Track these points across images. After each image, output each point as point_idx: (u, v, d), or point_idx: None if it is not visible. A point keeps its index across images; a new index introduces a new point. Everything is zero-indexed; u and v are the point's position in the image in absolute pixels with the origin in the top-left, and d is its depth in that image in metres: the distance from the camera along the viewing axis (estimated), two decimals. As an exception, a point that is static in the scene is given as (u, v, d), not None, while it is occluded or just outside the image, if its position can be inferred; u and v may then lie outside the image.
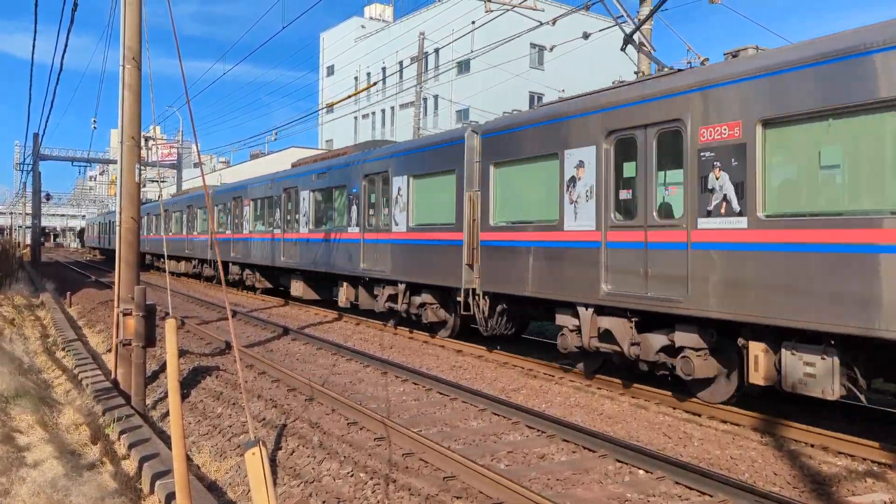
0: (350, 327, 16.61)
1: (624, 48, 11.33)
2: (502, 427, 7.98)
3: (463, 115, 46.29)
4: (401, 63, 50.07)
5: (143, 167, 11.58)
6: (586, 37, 17.02)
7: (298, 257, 19.41)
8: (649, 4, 14.61)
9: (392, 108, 55.35)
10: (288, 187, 20.49)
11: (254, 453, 4.81)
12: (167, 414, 8.00)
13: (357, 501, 5.81)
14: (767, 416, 8.15)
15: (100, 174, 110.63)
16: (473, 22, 27.48)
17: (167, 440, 7.06)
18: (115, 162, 28.23)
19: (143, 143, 12.79)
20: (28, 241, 59.95)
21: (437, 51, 45.78)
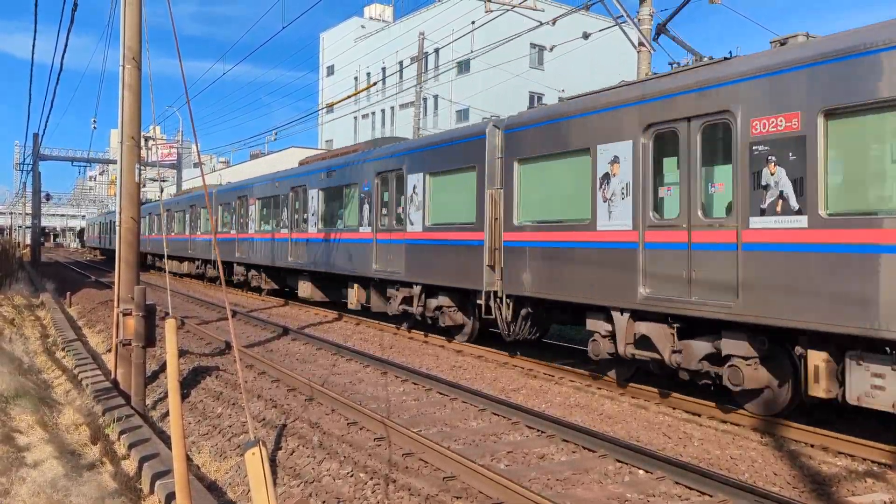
0: (350, 327, 16.61)
1: (656, 38, 10.95)
2: (502, 427, 7.98)
3: (463, 115, 46.33)
4: (401, 63, 50.08)
5: (142, 167, 11.58)
6: (586, 37, 17.06)
7: (307, 258, 18.92)
8: (649, 4, 14.61)
9: (392, 108, 55.37)
10: (295, 186, 19.95)
11: (254, 453, 4.81)
12: (167, 414, 8.00)
13: (357, 501, 5.82)
14: (767, 417, 8.14)
15: (100, 174, 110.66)
16: (473, 22, 27.49)
17: (167, 440, 7.06)
18: (115, 162, 28.20)
19: (143, 143, 12.79)
20: (28, 241, 59.95)
21: (437, 51, 45.79)
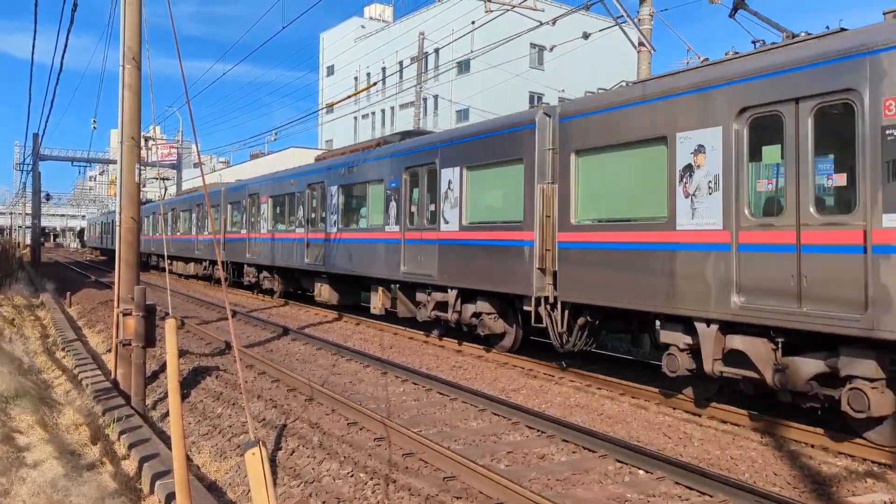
0: (350, 327, 16.61)
1: (733, 14, 10.20)
2: (502, 427, 7.98)
3: (463, 115, 46.34)
4: (401, 63, 50.08)
5: (142, 167, 11.58)
6: (586, 37, 17.05)
7: (325, 259, 17.90)
8: (649, 4, 14.61)
9: (392, 108, 55.37)
10: (313, 183, 18.89)
11: (254, 453, 4.81)
12: (167, 414, 8.00)
13: (357, 501, 5.82)
14: (767, 416, 8.14)
15: (100, 174, 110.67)
16: (473, 22, 27.49)
17: (167, 440, 7.06)
18: (114, 162, 28.16)
19: (143, 143, 12.79)
20: (28, 242, 59.95)
21: (436, 51, 45.79)
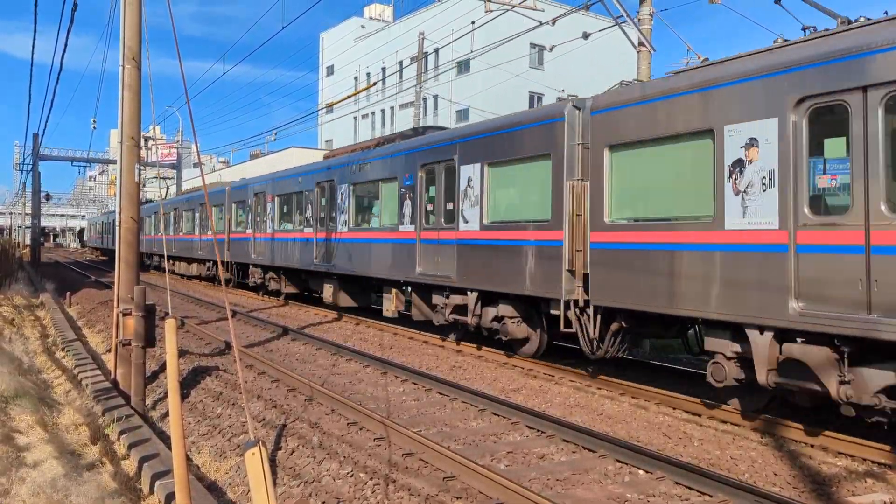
0: (350, 327, 16.61)
1: (779, 0, 9.78)
2: (502, 427, 7.98)
3: (463, 115, 46.34)
4: (401, 63, 50.10)
5: (142, 167, 11.57)
6: (586, 37, 17.06)
7: (335, 260, 17.34)
8: (649, 4, 14.61)
9: (392, 108, 55.38)
10: (322, 181, 18.33)
11: (254, 453, 4.81)
12: (167, 414, 8.00)
13: (357, 501, 5.81)
14: (767, 416, 8.15)
15: (99, 174, 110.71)
16: (473, 22, 27.48)
17: (167, 440, 7.06)
18: (114, 162, 28.15)
19: (142, 143, 12.78)
20: (28, 242, 59.94)
21: (436, 51, 45.79)
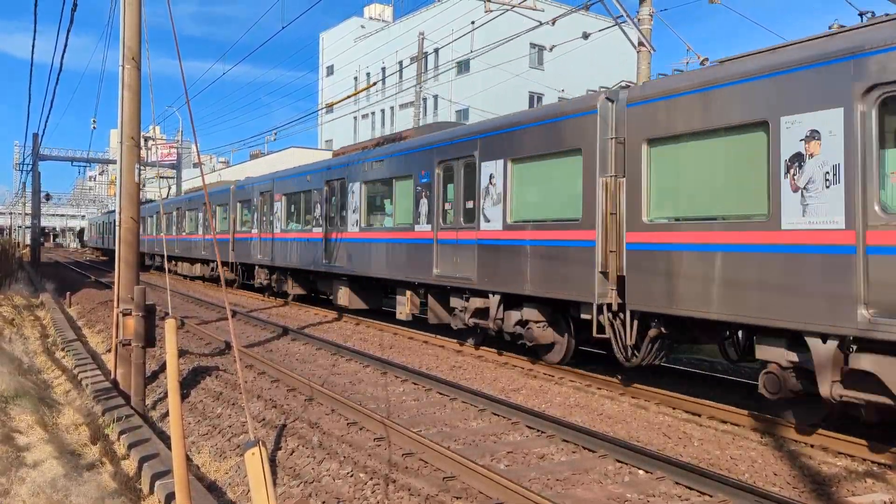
0: (350, 327, 16.61)
1: None
2: (502, 427, 7.98)
3: (462, 115, 46.34)
4: (400, 63, 50.12)
5: (142, 167, 11.57)
6: (586, 37, 17.08)
7: (346, 260, 16.77)
8: (649, 4, 14.62)
9: (392, 108, 55.39)
10: (332, 179, 17.77)
11: (253, 453, 4.81)
12: (167, 414, 8.00)
13: (357, 501, 5.81)
14: (767, 416, 8.15)
15: (99, 174, 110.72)
16: (473, 22, 27.49)
17: (167, 440, 7.06)
18: (114, 162, 28.14)
19: (142, 143, 12.78)
20: (28, 242, 59.94)
21: (436, 51, 45.78)
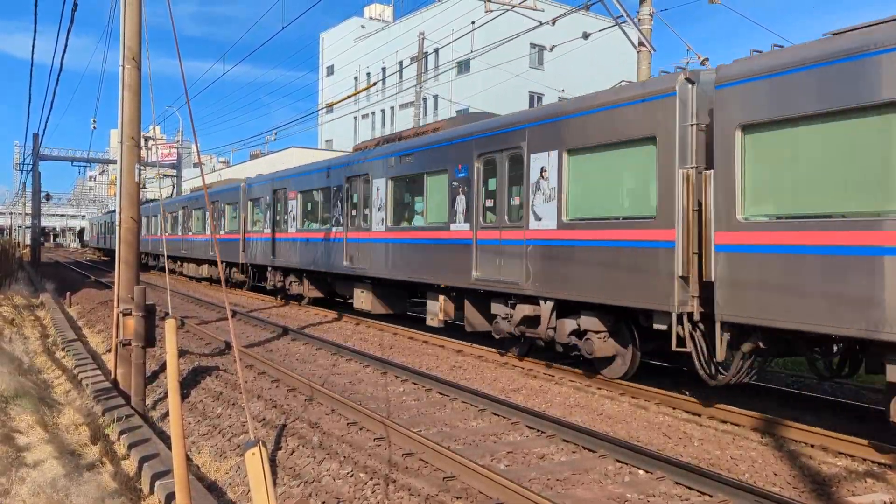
0: (350, 327, 16.61)
1: None
2: (502, 427, 7.98)
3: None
4: (401, 63, 50.14)
5: (142, 167, 11.57)
6: (586, 37, 17.09)
7: (369, 262, 15.84)
8: (649, 4, 14.62)
9: (392, 108, 55.40)
10: (353, 176, 16.76)
11: (254, 453, 4.81)
12: (167, 414, 8.00)
13: (357, 501, 5.82)
14: (767, 416, 8.15)
15: (99, 174, 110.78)
16: (473, 22, 27.51)
17: (167, 440, 7.06)
18: (114, 162, 28.10)
19: (143, 143, 12.78)
20: (28, 242, 59.95)
21: (436, 51, 45.81)
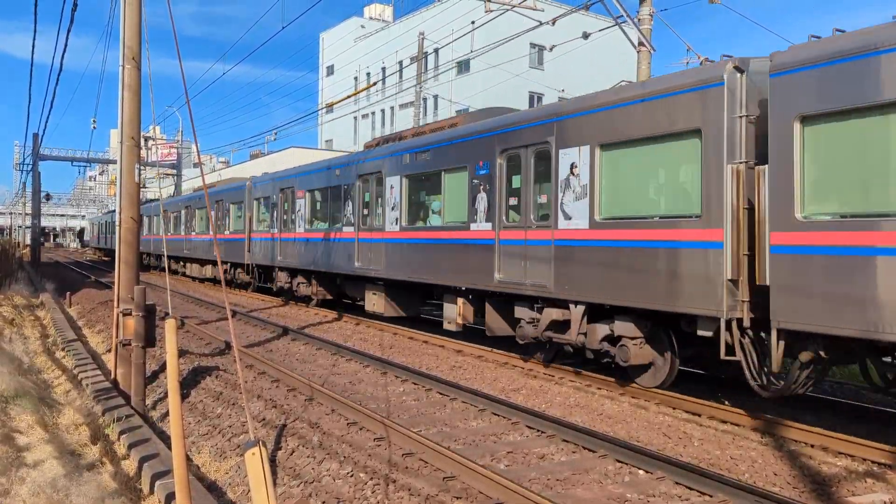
0: (350, 327, 16.61)
1: None
2: (502, 427, 7.98)
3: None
4: (400, 63, 50.16)
5: (142, 167, 11.56)
6: (586, 37, 17.09)
7: (383, 263, 15.40)
8: (649, 4, 14.62)
9: (392, 108, 55.40)
10: (366, 173, 16.27)
11: (254, 453, 4.81)
12: (167, 414, 8.00)
13: (357, 502, 5.81)
14: (767, 416, 8.15)
15: (99, 174, 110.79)
16: (473, 22, 27.52)
17: (167, 440, 7.06)
18: (114, 162, 28.05)
19: (143, 143, 12.77)
20: (28, 242, 59.95)
21: (436, 51, 45.81)
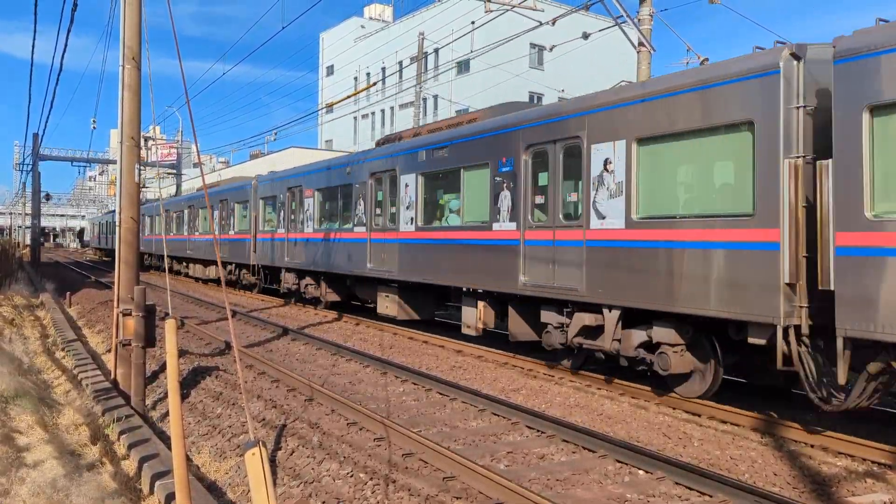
0: (350, 327, 16.61)
1: None
2: (502, 427, 7.98)
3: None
4: (400, 63, 50.16)
5: (142, 167, 11.56)
6: (586, 37, 17.10)
7: (397, 264, 14.81)
8: (649, 4, 14.62)
9: (392, 108, 55.40)
10: (379, 171, 15.69)
11: (254, 454, 4.81)
12: (167, 414, 8.00)
13: (357, 502, 5.82)
14: (767, 416, 8.15)
15: (99, 174, 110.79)
16: (473, 22, 27.51)
17: (167, 440, 7.06)
18: (114, 162, 28.04)
19: (143, 143, 12.77)
20: (28, 242, 59.94)
21: (436, 51, 45.80)
